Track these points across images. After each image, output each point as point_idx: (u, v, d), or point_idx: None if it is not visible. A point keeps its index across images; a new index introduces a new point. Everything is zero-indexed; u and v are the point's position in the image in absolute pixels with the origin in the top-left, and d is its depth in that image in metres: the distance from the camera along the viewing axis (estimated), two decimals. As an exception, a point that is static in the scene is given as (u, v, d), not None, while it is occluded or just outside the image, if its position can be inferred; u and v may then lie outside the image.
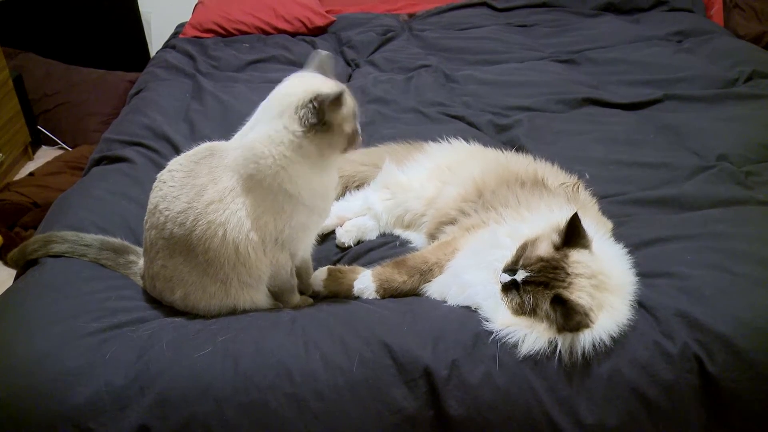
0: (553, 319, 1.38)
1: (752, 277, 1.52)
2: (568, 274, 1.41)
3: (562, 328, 1.38)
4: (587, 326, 1.37)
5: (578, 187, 1.79)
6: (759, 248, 1.62)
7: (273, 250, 1.51)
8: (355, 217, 1.96)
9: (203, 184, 1.49)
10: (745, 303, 1.46)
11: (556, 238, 1.47)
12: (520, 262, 1.45)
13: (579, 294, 1.38)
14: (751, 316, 1.42)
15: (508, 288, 1.45)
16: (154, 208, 1.53)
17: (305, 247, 1.62)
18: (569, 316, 1.36)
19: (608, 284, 1.42)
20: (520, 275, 1.43)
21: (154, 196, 1.54)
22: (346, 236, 1.90)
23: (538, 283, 1.41)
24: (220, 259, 1.48)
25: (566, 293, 1.38)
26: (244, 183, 1.48)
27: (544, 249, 1.46)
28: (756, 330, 1.40)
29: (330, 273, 1.68)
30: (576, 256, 1.44)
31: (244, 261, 1.49)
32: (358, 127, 1.54)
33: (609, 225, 1.75)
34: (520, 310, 1.42)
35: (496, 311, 1.44)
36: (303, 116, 1.43)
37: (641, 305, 1.47)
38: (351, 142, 1.52)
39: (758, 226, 1.76)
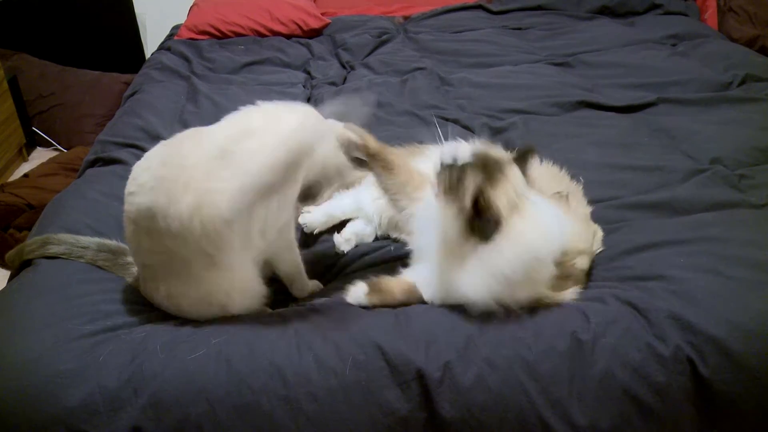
0: (466, 193, 1.40)
1: (745, 280, 1.53)
2: (503, 174, 1.44)
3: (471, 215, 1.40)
4: (499, 220, 1.39)
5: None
6: (751, 252, 1.63)
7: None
8: (343, 216, 1.96)
9: (187, 151, 1.52)
10: (738, 306, 1.46)
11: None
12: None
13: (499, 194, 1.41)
14: (743, 318, 1.43)
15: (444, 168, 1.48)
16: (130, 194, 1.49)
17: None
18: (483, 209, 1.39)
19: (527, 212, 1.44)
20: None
21: (132, 186, 1.51)
22: (345, 245, 1.88)
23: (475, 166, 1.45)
24: (190, 228, 1.40)
25: (489, 189, 1.40)
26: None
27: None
28: (748, 333, 1.40)
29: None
30: (517, 171, 1.47)
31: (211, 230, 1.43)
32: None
33: (599, 234, 1.74)
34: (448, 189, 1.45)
35: None
36: None
37: (634, 307, 1.47)
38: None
39: (751, 230, 1.77)
